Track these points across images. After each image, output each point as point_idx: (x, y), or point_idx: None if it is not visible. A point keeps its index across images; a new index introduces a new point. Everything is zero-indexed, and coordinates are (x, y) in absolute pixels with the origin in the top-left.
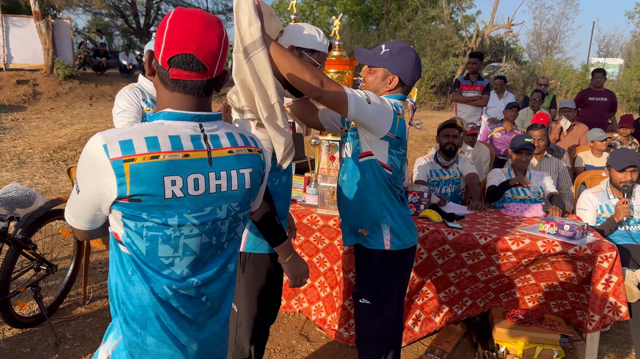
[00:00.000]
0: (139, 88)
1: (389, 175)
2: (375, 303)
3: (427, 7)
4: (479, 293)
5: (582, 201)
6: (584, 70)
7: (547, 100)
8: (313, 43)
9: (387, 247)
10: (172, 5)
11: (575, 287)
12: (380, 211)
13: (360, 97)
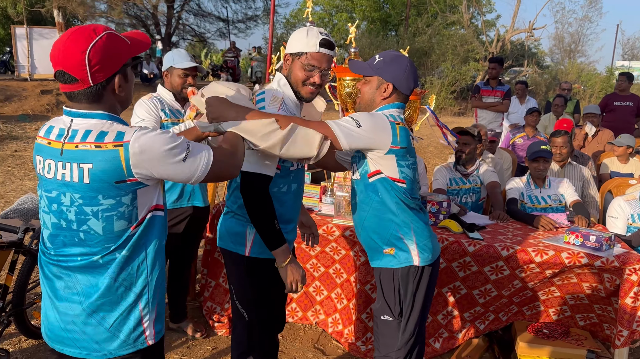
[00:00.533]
0: (158, 98)
1: (403, 188)
2: (398, 320)
3: (447, 12)
4: (502, 307)
5: (612, 209)
6: (609, 73)
7: (571, 105)
8: (299, 45)
9: (416, 263)
10: (192, 14)
11: (602, 299)
12: (402, 228)
13: (347, 125)
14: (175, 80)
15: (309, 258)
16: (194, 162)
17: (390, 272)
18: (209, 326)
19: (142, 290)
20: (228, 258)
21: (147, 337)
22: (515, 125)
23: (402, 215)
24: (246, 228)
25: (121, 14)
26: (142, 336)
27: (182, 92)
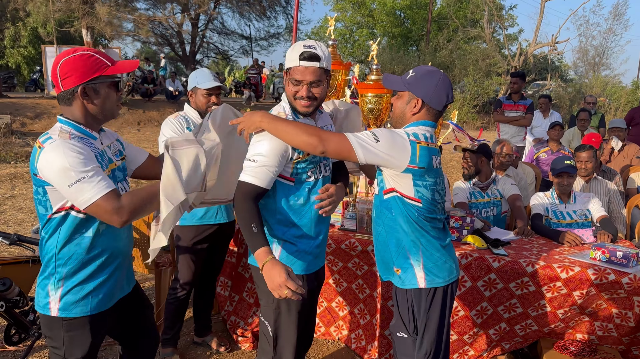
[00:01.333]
0: (184, 117)
1: (418, 207)
2: (413, 337)
3: (468, 27)
4: (530, 334)
5: None
6: (634, 87)
7: (595, 119)
8: (287, 61)
9: (421, 285)
10: (216, 32)
11: (632, 330)
12: (410, 248)
13: (365, 139)
14: (199, 100)
15: (331, 273)
16: (77, 191)
17: (403, 290)
18: (232, 340)
19: (52, 269)
20: (254, 273)
21: (51, 308)
22: (539, 139)
23: (412, 235)
24: (273, 244)
25: (148, 33)
26: (48, 305)
27: (207, 110)
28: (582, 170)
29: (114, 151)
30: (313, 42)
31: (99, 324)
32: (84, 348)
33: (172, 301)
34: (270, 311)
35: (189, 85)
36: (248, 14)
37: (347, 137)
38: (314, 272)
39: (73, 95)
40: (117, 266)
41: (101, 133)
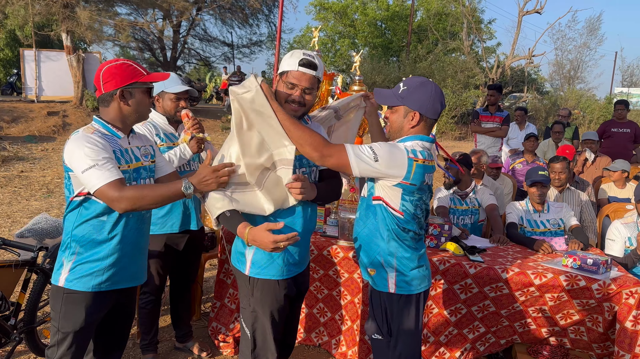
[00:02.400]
0: (152, 123)
1: (399, 219)
2: (387, 338)
3: (447, 39)
4: (503, 332)
5: (610, 232)
6: (607, 102)
7: (569, 131)
8: (284, 65)
9: (391, 290)
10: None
11: (601, 336)
12: (385, 255)
13: (364, 154)
14: (167, 104)
15: (312, 281)
16: (88, 177)
17: (377, 291)
18: (214, 346)
19: (68, 244)
20: (236, 275)
21: (60, 278)
22: (515, 150)
23: (390, 243)
24: (246, 248)
25: (129, 38)
26: (59, 275)
27: (176, 115)
28: (555, 180)
29: (144, 152)
30: (311, 52)
31: (95, 304)
32: (75, 323)
33: (143, 306)
34: (248, 313)
35: (155, 89)
36: (230, 21)
37: (347, 149)
38: (291, 278)
39: (112, 97)
40: (126, 254)
41: (131, 135)
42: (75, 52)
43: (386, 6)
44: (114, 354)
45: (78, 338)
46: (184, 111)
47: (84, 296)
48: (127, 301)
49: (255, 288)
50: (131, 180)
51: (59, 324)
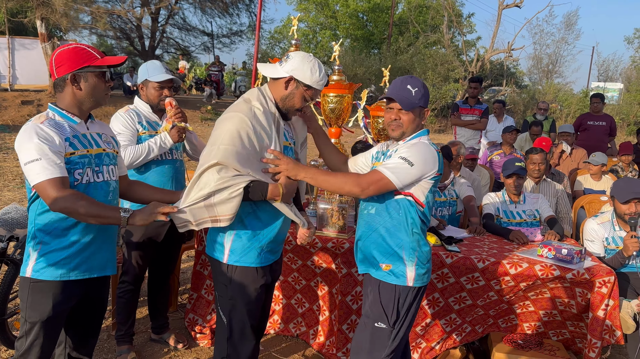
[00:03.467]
0: (135, 111)
1: (421, 211)
2: (391, 328)
3: (428, 32)
4: (478, 319)
5: (587, 232)
6: (584, 95)
7: (547, 124)
8: (312, 80)
9: (410, 284)
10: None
11: (575, 316)
12: (408, 248)
13: (399, 167)
14: (151, 93)
15: (290, 271)
16: (29, 170)
17: (390, 284)
18: (191, 338)
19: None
20: (212, 265)
21: (27, 269)
22: (493, 142)
23: (413, 236)
24: (224, 236)
25: (106, 26)
26: (26, 266)
27: (160, 104)
28: (535, 171)
29: (105, 140)
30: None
31: (63, 294)
32: (42, 313)
33: (121, 295)
34: (225, 301)
35: (139, 78)
36: (210, 10)
37: (383, 173)
38: (268, 265)
39: (64, 82)
40: (93, 242)
41: (90, 121)
42: (50, 39)
43: None
44: (87, 347)
45: (46, 328)
46: (168, 99)
47: (51, 285)
48: (98, 293)
49: (234, 276)
50: (93, 165)
51: (26, 315)
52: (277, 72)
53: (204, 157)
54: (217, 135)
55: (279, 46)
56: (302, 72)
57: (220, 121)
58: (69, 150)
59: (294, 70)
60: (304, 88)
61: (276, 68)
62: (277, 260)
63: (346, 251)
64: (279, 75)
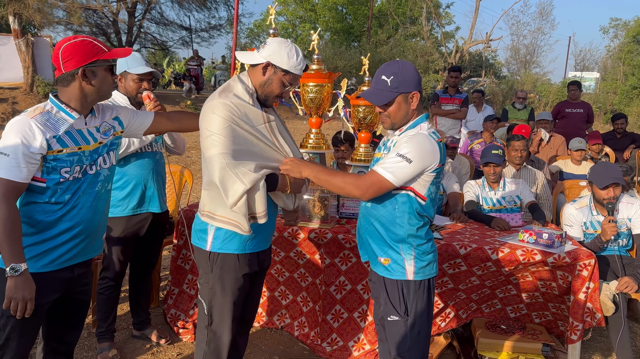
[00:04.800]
0: (112, 102)
1: (422, 205)
2: (404, 318)
3: (407, 24)
4: (461, 304)
5: (566, 217)
6: (562, 85)
7: (525, 113)
8: (289, 65)
9: (409, 278)
10: (154, 22)
11: (556, 298)
12: (404, 242)
13: (397, 165)
14: (129, 85)
15: (273, 263)
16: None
17: (392, 279)
18: (173, 333)
19: None
20: (196, 254)
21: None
22: (474, 132)
23: (410, 230)
24: (208, 225)
25: (80, 20)
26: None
27: (137, 97)
28: (516, 158)
29: (103, 129)
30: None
31: (42, 286)
32: None
33: (101, 291)
34: (207, 289)
35: (118, 69)
36: (188, 5)
37: (381, 174)
38: (253, 254)
39: (73, 76)
40: (76, 235)
41: (90, 115)
42: (24, 35)
43: None
44: (68, 342)
45: (24, 322)
46: (146, 92)
47: None
48: (82, 283)
49: (215, 264)
50: (85, 161)
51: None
52: (254, 58)
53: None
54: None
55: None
56: (280, 57)
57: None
58: (57, 148)
59: (271, 56)
60: (282, 73)
61: (253, 55)
62: (265, 249)
63: (329, 242)
64: (257, 62)
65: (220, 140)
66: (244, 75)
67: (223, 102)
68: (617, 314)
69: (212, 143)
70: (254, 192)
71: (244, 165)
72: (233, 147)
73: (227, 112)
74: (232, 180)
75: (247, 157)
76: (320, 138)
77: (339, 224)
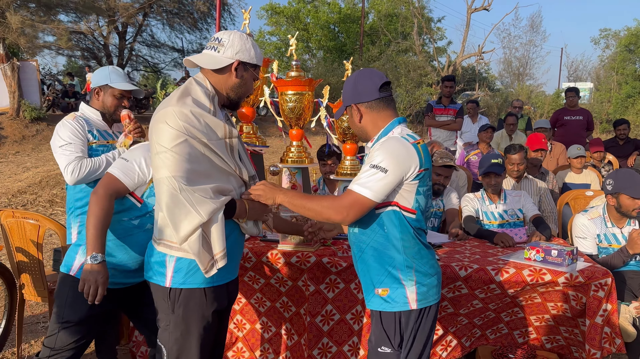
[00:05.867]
0: (83, 118)
1: (412, 220)
2: (397, 351)
3: (399, 39)
4: (464, 330)
5: (578, 229)
6: (556, 96)
7: (522, 122)
8: (257, 58)
9: (412, 307)
10: (146, 45)
11: (569, 320)
12: (403, 267)
13: (372, 178)
14: (108, 100)
15: (252, 292)
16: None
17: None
18: None
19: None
20: (153, 292)
21: (72, 267)
22: (469, 143)
23: (406, 252)
24: (166, 256)
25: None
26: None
27: (115, 114)
28: (513, 172)
29: None
30: None
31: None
32: (80, 312)
33: None
34: (166, 334)
35: (96, 81)
36: (179, 26)
37: (358, 192)
38: (221, 285)
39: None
40: (124, 249)
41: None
42: (10, 60)
43: (338, 9)
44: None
45: (80, 329)
46: (126, 111)
47: None
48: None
49: (177, 303)
50: None
51: (64, 313)
52: (219, 60)
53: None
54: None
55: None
56: (248, 53)
57: (156, 122)
58: None
59: (239, 53)
60: (252, 69)
61: (214, 57)
62: (233, 279)
63: (312, 266)
64: (224, 64)
65: (172, 159)
66: (199, 77)
67: (179, 110)
68: (638, 340)
69: (162, 162)
70: (211, 225)
71: (200, 191)
72: (187, 166)
73: (182, 123)
74: (185, 210)
75: (205, 179)
76: (302, 151)
77: (324, 246)
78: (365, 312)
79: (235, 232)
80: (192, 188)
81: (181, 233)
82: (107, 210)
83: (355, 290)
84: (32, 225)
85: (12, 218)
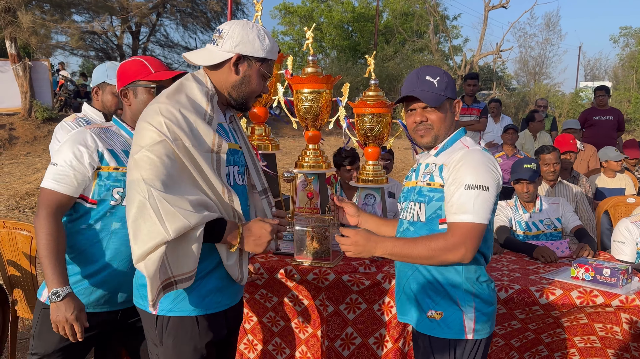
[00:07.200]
0: (85, 120)
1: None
2: None
3: (414, 38)
4: (499, 353)
5: (619, 233)
6: (575, 95)
7: (547, 122)
8: (264, 50)
9: (468, 336)
10: (159, 45)
11: (619, 343)
12: (462, 291)
13: (475, 200)
14: (107, 99)
15: (265, 311)
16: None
17: (441, 343)
18: None
19: None
20: (141, 317)
21: (44, 293)
22: (493, 143)
23: (468, 273)
24: None
25: (79, 42)
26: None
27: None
28: (550, 173)
29: None
30: None
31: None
32: (47, 344)
33: None
34: None
35: (94, 80)
36: (192, 26)
37: (465, 221)
38: (219, 313)
39: (118, 95)
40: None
41: None
42: (21, 60)
43: (352, 8)
44: None
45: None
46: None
47: None
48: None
49: (166, 332)
50: None
51: (33, 344)
52: (215, 56)
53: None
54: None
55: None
56: (251, 45)
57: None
58: (112, 165)
59: (239, 45)
60: (258, 64)
61: (211, 52)
62: (234, 305)
63: (331, 285)
64: (221, 59)
65: (145, 160)
66: (200, 74)
67: (166, 107)
68: None
69: (134, 163)
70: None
71: (174, 201)
72: (162, 170)
73: (163, 120)
74: (150, 222)
75: (185, 188)
76: (319, 155)
77: (344, 261)
78: (390, 336)
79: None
80: (164, 196)
81: (138, 249)
82: (56, 233)
83: (379, 311)
84: (24, 236)
85: (2, 229)
